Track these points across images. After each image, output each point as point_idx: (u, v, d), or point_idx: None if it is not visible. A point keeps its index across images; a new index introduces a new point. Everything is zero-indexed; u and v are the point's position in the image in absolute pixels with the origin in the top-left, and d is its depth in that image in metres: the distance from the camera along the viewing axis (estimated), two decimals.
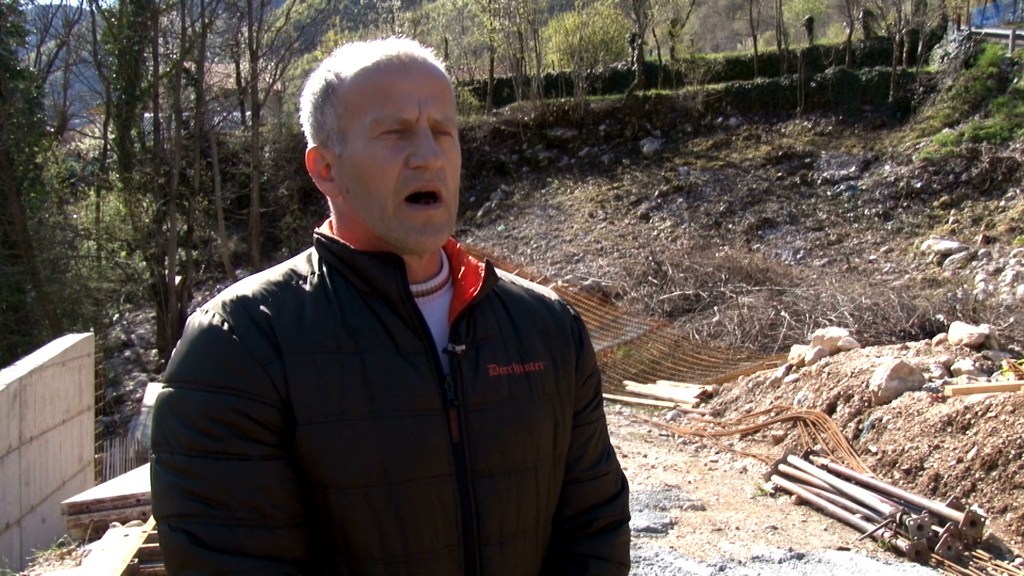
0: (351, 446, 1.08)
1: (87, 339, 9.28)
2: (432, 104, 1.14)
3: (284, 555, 1.08)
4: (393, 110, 1.12)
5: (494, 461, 1.17)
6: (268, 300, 1.14)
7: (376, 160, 1.13)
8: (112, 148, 25.76)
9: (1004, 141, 21.20)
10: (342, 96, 1.15)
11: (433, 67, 1.17)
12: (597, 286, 20.00)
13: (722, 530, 5.68)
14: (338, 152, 1.16)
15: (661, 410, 11.63)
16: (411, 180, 1.13)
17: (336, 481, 1.09)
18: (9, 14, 20.03)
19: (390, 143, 1.13)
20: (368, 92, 1.13)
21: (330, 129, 1.17)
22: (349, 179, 1.16)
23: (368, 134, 1.13)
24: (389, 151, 1.13)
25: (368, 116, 1.13)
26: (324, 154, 1.19)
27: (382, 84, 1.13)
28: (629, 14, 32.31)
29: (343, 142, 1.15)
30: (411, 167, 1.13)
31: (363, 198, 1.15)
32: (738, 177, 24.65)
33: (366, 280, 1.16)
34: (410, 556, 1.12)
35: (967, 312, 12.20)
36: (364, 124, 1.13)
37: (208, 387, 1.07)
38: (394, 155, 1.13)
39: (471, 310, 1.22)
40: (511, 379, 1.21)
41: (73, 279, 21.35)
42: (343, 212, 1.21)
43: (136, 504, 5.76)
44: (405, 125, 1.13)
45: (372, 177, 1.14)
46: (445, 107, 1.16)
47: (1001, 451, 5.81)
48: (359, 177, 1.15)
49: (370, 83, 1.13)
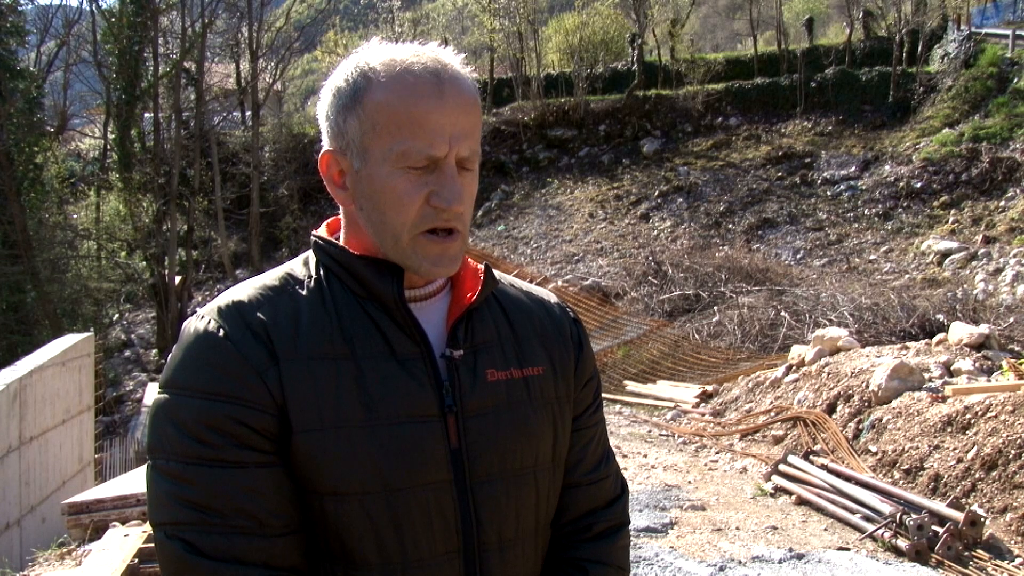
0: (348, 453, 1.07)
1: (87, 339, 9.27)
2: (462, 140, 1.10)
3: (281, 563, 1.07)
4: (423, 145, 1.08)
5: (493, 467, 1.15)
6: (264, 305, 1.12)
7: (397, 192, 1.10)
8: (112, 148, 25.78)
9: (1004, 141, 21.21)
10: (370, 111, 1.09)
11: (469, 94, 1.12)
12: (597, 286, 20.00)
13: (722, 530, 5.68)
14: (357, 167, 1.13)
15: (661, 410, 11.63)
16: (430, 218, 1.11)
17: (333, 489, 1.08)
18: (9, 14, 20.03)
19: (413, 178, 1.10)
20: (399, 118, 1.08)
21: (351, 140, 1.12)
22: (365, 198, 1.13)
23: (392, 163, 1.09)
24: (412, 186, 1.10)
25: (395, 144, 1.08)
26: (340, 161, 1.15)
27: (415, 113, 1.08)
28: (629, 14, 32.32)
29: (364, 159, 1.12)
30: (432, 205, 1.10)
31: (377, 224, 1.13)
32: (738, 177, 24.65)
33: (363, 284, 1.15)
34: (408, 564, 1.10)
35: (967, 312, 12.20)
36: (389, 150, 1.09)
37: (204, 394, 1.06)
38: (416, 190, 1.10)
39: (469, 314, 1.20)
40: (510, 384, 1.19)
41: (73, 279, 21.34)
42: (353, 220, 1.18)
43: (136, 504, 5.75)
44: (432, 162, 1.10)
45: (390, 207, 1.11)
46: (474, 142, 1.13)
47: (1001, 451, 5.81)
48: (376, 203, 1.12)
49: (403, 108, 1.08)
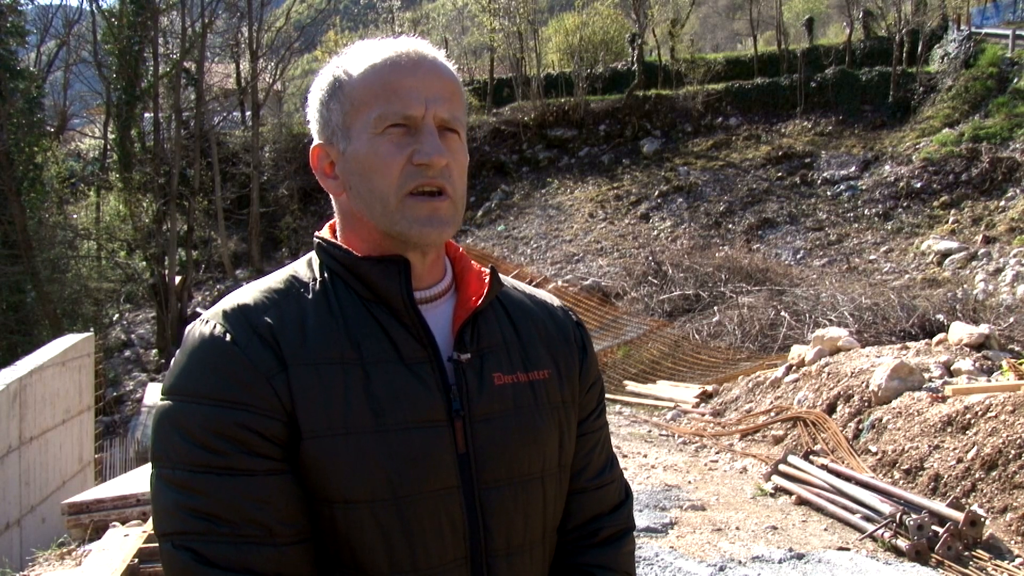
0: (357, 460, 1.06)
1: (87, 339, 9.27)
2: (439, 103, 1.12)
3: (291, 572, 1.05)
4: (399, 106, 1.10)
5: (500, 472, 1.14)
6: (270, 309, 1.10)
7: (379, 155, 1.11)
8: (112, 148, 25.79)
9: (1004, 141, 21.21)
10: (348, 92, 1.13)
11: (443, 66, 1.15)
12: (597, 286, 20.00)
13: (722, 530, 5.68)
14: (342, 148, 1.14)
15: (661, 410, 11.63)
16: (414, 176, 1.11)
17: (342, 496, 1.06)
18: (9, 14, 20.02)
19: (394, 139, 1.11)
20: (375, 88, 1.11)
21: (335, 125, 1.14)
22: (352, 175, 1.14)
23: (372, 130, 1.11)
24: (393, 147, 1.11)
25: (373, 112, 1.11)
26: (329, 151, 1.17)
27: (389, 81, 1.11)
28: (629, 14, 32.33)
29: (347, 138, 1.13)
30: (414, 163, 1.10)
31: (365, 195, 1.13)
32: (738, 177, 24.65)
33: (369, 287, 1.13)
34: (418, 571, 1.09)
35: (967, 312, 12.20)
36: (369, 120, 1.11)
37: (211, 401, 1.04)
38: (398, 151, 1.11)
39: (475, 317, 1.19)
40: (516, 388, 1.18)
41: (73, 279, 21.32)
42: (346, 211, 1.18)
43: (136, 504, 5.75)
44: (410, 122, 1.11)
45: (375, 172, 1.11)
46: (453, 107, 1.14)
47: (1001, 451, 5.81)
48: (362, 173, 1.12)
49: (377, 79, 1.11)
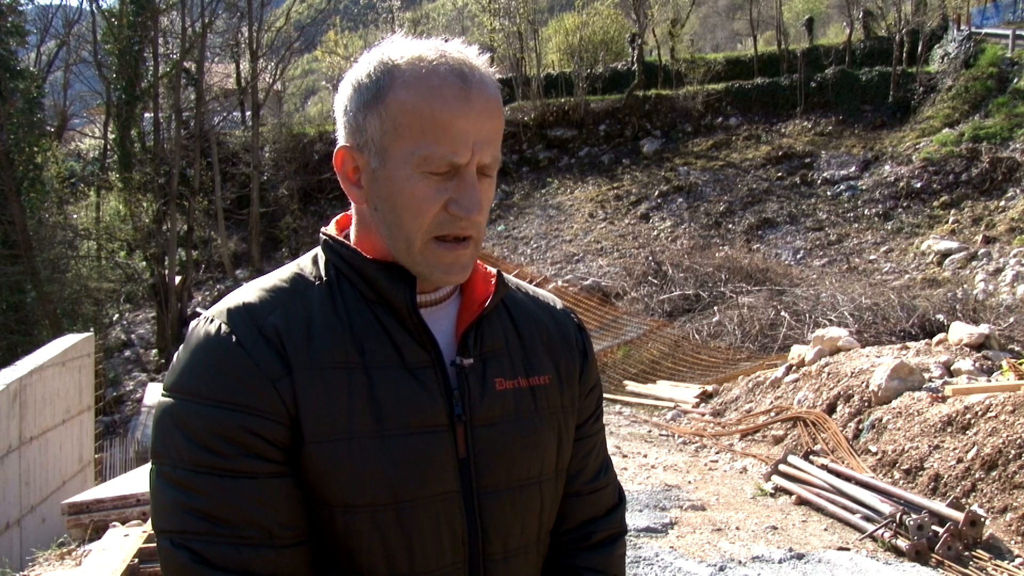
0: (359, 465, 1.06)
1: (87, 339, 9.27)
2: (485, 147, 1.08)
3: (289, 574, 1.05)
4: (446, 151, 1.05)
5: (500, 477, 1.15)
6: (276, 309, 1.09)
7: (415, 197, 1.07)
8: (112, 148, 25.79)
9: (1004, 141, 21.22)
10: (392, 111, 1.06)
11: (494, 98, 1.09)
12: (597, 286, 20.00)
13: (722, 530, 5.68)
14: (374, 166, 1.10)
15: (661, 410, 11.63)
16: (446, 224, 1.08)
17: (343, 500, 1.06)
18: (9, 14, 20.02)
19: (433, 183, 1.07)
20: (423, 122, 1.05)
21: (370, 138, 1.09)
22: (381, 199, 1.10)
23: (413, 167, 1.06)
24: (432, 191, 1.07)
25: (417, 148, 1.05)
26: (357, 158, 1.12)
27: (440, 118, 1.05)
28: (629, 14, 32.33)
29: (382, 159, 1.08)
30: (450, 213, 1.08)
31: (392, 227, 1.10)
32: (738, 177, 24.65)
33: (375, 289, 1.12)
34: (416, 575, 1.10)
35: (967, 312, 12.20)
36: (411, 154, 1.06)
37: (214, 402, 1.03)
38: (436, 196, 1.07)
39: (479, 321, 1.19)
40: (517, 393, 1.18)
41: (73, 279, 21.33)
42: (366, 219, 1.16)
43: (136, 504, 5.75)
44: (454, 168, 1.07)
45: (407, 211, 1.08)
46: (495, 148, 1.10)
47: (1001, 451, 5.81)
48: (392, 206, 1.09)
49: (428, 111, 1.05)
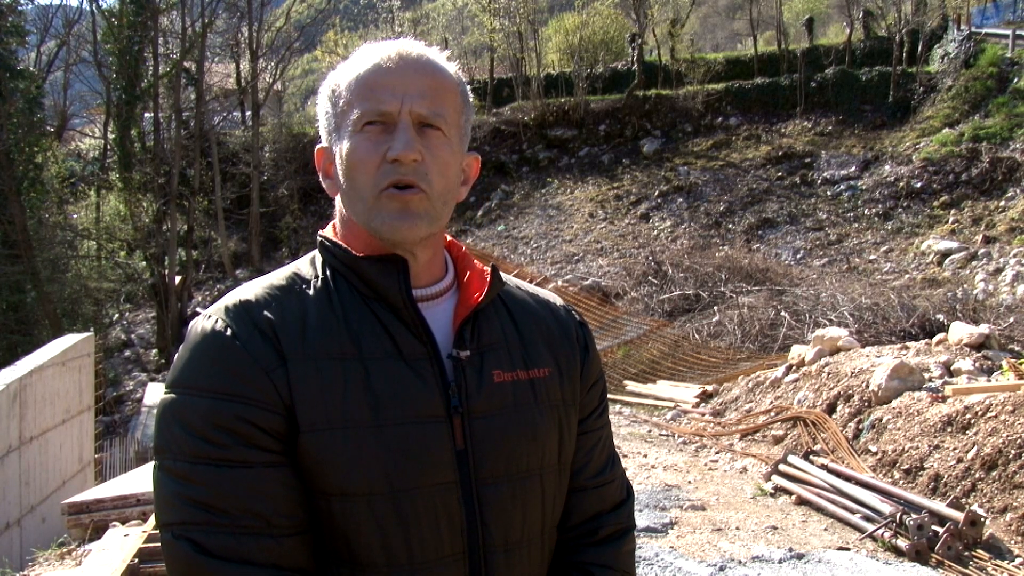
0: (355, 454, 1.07)
1: (87, 339, 9.28)
2: (417, 99, 1.13)
3: (289, 563, 1.07)
4: (374, 103, 1.13)
5: (499, 469, 1.15)
6: (271, 305, 1.13)
7: (358, 153, 1.13)
8: (112, 148, 25.79)
9: (1004, 141, 21.21)
10: (338, 94, 1.17)
11: (428, 63, 1.17)
12: (597, 286, 20.00)
13: (722, 530, 5.68)
14: (336, 150, 1.18)
15: (661, 410, 11.63)
16: (388, 173, 1.13)
17: (340, 489, 1.08)
18: (9, 14, 20.02)
19: (372, 136, 1.13)
20: (357, 88, 1.15)
21: (332, 127, 1.19)
22: (341, 172, 1.17)
23: (353, 128, 1.14)
24: (370, 144, 1.13)
25: (355, 111, 1.14)
26: (328, 153, 1.21)
27: (369, 80, 1.14)
28: (629, 14, 32.32)
29: (339, 137, 1.17)
30: (388, 160, 1.12)
31: (350, 193, 1.16)
32: (738, 177, 24.65)
33: (369, 285, 1.15)
34: (414, 565, 1.10)
35: (967, 312, 12.20)
36: (351, 119, 1.14)
37: (212, 394, 1.06)
38: (375, 148, 1.13)
39: (476, 315, 1.21)
40: (516, 386, 1.19)
41: (73, 279, 21.33)
42: (343, 209, 1.21)
43: (136, 504, 5.76)
44: (386, 118, 1.13)
45: (354, 170, 1.14)
46: (436, 103, 1.15)
47: (1001, 451, 5.81)
48: (345, 172, 1.16)
49: (360, 80, 1.15)
